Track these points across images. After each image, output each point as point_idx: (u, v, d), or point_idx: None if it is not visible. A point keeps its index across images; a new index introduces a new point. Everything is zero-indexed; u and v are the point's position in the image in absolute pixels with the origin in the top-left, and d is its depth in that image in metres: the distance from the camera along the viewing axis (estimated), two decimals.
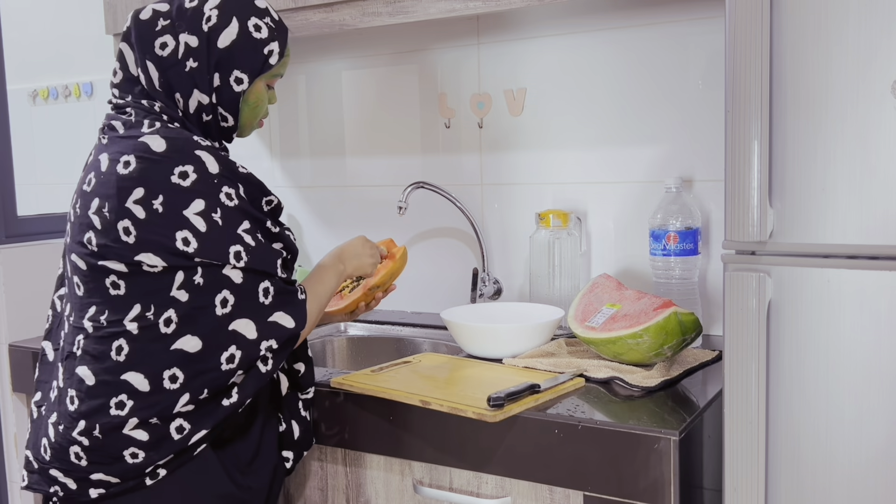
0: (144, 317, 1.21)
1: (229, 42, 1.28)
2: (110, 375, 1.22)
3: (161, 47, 1.28)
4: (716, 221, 1.72)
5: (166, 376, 1.21)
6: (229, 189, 1.23)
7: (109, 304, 1.23)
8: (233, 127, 1.34)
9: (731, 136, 1.07)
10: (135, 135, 1.24)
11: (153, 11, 1.30)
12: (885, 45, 0.98)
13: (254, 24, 1.30)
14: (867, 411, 1.03)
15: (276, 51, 1.32)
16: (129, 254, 1.19)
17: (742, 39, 1.05)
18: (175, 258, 1.19)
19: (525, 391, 1.28)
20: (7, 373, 1.93)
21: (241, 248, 1.22)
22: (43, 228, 2.07)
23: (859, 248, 1.03)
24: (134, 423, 1.21)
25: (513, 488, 1.30)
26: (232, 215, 1.22)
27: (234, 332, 1.22)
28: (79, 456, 1.23)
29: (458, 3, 1.60)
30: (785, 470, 1.09)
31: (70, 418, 1.24)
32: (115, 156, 1.22)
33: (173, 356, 1.21)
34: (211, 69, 1.28)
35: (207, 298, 1.21)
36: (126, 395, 1.21)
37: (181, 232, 1.19)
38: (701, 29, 1.69)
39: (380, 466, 1.43)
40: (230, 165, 1.25)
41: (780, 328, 1.08)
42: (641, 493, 1.18)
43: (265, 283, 1.24)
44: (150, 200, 1.18)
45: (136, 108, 1.29)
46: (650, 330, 1.38)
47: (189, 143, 1.23)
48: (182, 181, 1.20)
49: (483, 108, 1.96)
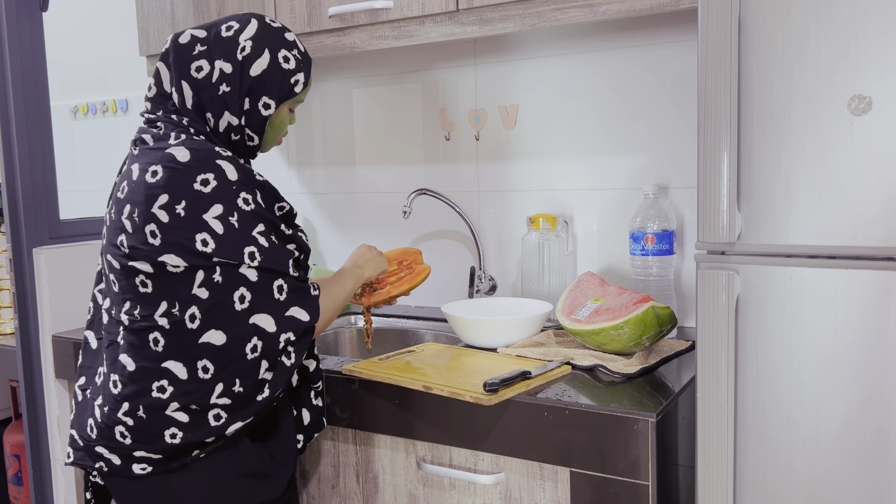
0: (171, 313, 1.21)
1: (260, 71, 1.28)
2: (150, 363, 1.22)
3: (197, 70, 1.27)
4: (689, 224, 1.72)
5: (199, 367, 1.21)
6: (247, 195, 1.23)
7: (140, 300, 1.23)
8: (257, 146, 1.34)
9: (703, 148, 1.07)
10: (163, 146, 1.24)
11: (192, 36, 1.30)
12: (842, 65, 0.98)
13: (283, 56, 1.30)
14: (826, 396, 1.03)
15: (301, 80, 1.33)
16: (154, 255, 1.19)
17: (713, 60, 1.05)
18: (195, 258, 1.19)
19: (517, 377, 1.28)
20: (51, 361, 1.93)
21: (255, 249, 1.21)
22: (82, 231, 2.07)
23: (819, 248, 1.02)
24: (175, 406, 1.21)
25: (506, 465, 1.30)
26: (248, 219, 1.22)
27: (255, 325, 1.22)
28: (123, 434, 1.24)
29: (457, 28, 1.59)
30: (751, 448, 1.09)
31: (115, 400, 1.25)
32: (144, 166, 1.23)
33: (202, 349, 1.21)
34: (242, 94, 1.28)
35: (226, 295, 1.21)
36: (167, 381, 1.22)
37: (201, 234, 1.18)
38: (676, 51, 1.69)
39: (387, 445, 1.43)
40: (248, 173, 1.25)
41: (747, 321, 1.08)
42: (622, 469, 1.17)
43: (279, 280, 1.24)
44: (174, 206, 1.18)
45: (166, 123, 1.29)
46: (630, 322, 1.38)
47: (211, 153, 1.23)
48: (203, 188, 1.19)
49: (479, 122, 1.95)
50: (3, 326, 2.13)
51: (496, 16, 1.55)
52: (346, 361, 1.49)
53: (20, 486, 2.27)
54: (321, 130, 2.20)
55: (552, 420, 1.22)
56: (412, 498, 1.41)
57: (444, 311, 1.63)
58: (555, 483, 1.25)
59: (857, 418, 1.01)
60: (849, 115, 0.98)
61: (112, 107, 2.65)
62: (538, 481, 1.27)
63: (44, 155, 1.96)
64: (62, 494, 1.98)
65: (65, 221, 2.02)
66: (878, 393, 1.00)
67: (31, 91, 1.93)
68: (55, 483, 1.98)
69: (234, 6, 1.87)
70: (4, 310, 2.13)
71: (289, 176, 2.27)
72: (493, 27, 1.55)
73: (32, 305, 1.93)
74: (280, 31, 1.32)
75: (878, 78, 0.96)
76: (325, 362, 1.50)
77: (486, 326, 1.55)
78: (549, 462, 1.24)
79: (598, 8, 1.45)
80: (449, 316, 1.60)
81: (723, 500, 1.10)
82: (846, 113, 0.98)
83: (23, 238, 1.92)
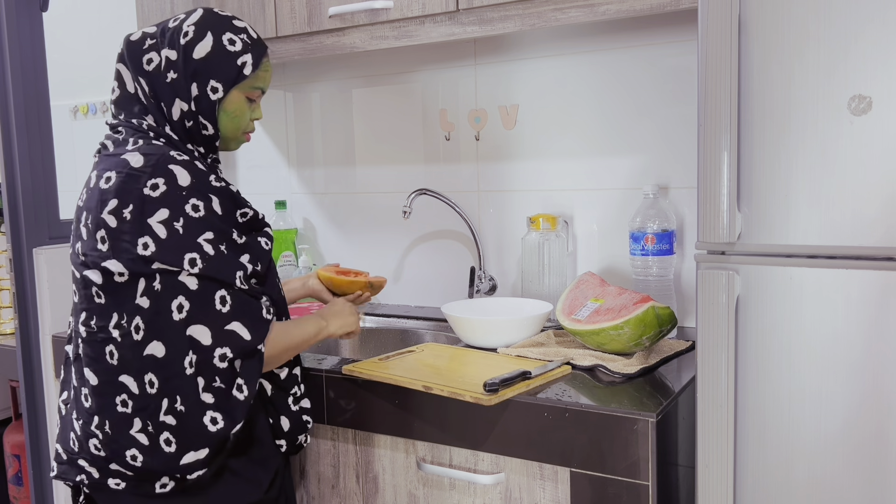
0: (121, 324, 1.19)
1: (204, 53, 1.26)
2: (108, 376, 1.21)
3: (148, 63, 1.28)
4: (689, 224, 1.72)
5: (146, 380, 1.19)
6: (197, 201, 1.19)
7: (95, 311, 1.22)
8: (214, 135, 1.30)
9: (703, 148, 1.07)
10: (119, 152, 1.24)
11: (142, 33, 1.31)
12: (842, 65, 0.98)
13: (228, 39, 1.28)
14: (826, 395, 1.03)
15: (249, 62, 1.29)
16: (100, 261, 1.18)
17: (713, 60, 1.05)
18: (135, 264, 1.16)
19: (517, 377, 1.28)
20: (51, 361, 1.93)
21: (196, 256, 1.17)
22: None
23: (818, 248, 1.02)
24: (138, 424, 1.19)
25: (506, 465, 1.30)
26: (194, 225, 1.18)
27: (191, 337, 1.18)
28: (97, 447, 1.23)
29: (456, 28, 1.59)
30: (751, 448, 1.09)
31: (87, 413, 1.24)
32: (101, 172, 1.23)
33: (146, 361, 1.18)
34: (188, 79, 1.26)
35: (165, 304, 1.17)
36: (126, 396, 1.20)
37: (143, 238, 1.16)
38: (676, 51, 1.69)
39: (386, 445, 1.43)
40: (203, 178, 1.21)
41: (747, 321, 1.08)
42: (622, 469, 1.17)
43: (221, 291, 1.19)
44: (122, 210, 1.17)
45: (127, 127, 1.29)
46: (630, 322, 1.38)
47: (165, 157, 1.20)
48: (152, 192, 1.17)
49: (479, 122, 1.95)
50: (3, 326, 2.13)
51: (496, 16, 1.55)
52: (347, 361, 1.49)
53: (20, 486, 2.27)
54: (321, 130, 2.20)
55: (552, 420, 1.22)
56: (412, 498, 1.41)
57: (444, 311, 1.63)
58: (555, 483, 1.25)
59: (857, 418, 1.01)
60: (849, 115, 0.98)
61: None
62: (538, 481, 1.27)
63: (44, 155, 1.96)
64: (62, 494, 1.98)
65: (65, 221, 2.02)
66: (878, 393, 1.00)
67: (31, 91, 1.93)
68: (55, 483, 1.98)
69: (234, 6, 1.87)
70: (4, 310, 2.13)
71: (289, 176, 2.27)
72: (493, 27, 1.55)
73: (32, 305, 1.93)
74: (227, 18, 1.31)
75: (878, 78, 0.96)
76: (324, 362, 1.50)
77: (486, 326, 1.55)
78: (549, 462, 1.24)
79: (598, 8, 1.44)
80: (449, 316, 1.60)
81: (723, 500, 1.10)
82: (846, 113, 0.98)
83: (23, 238, 1.92)
